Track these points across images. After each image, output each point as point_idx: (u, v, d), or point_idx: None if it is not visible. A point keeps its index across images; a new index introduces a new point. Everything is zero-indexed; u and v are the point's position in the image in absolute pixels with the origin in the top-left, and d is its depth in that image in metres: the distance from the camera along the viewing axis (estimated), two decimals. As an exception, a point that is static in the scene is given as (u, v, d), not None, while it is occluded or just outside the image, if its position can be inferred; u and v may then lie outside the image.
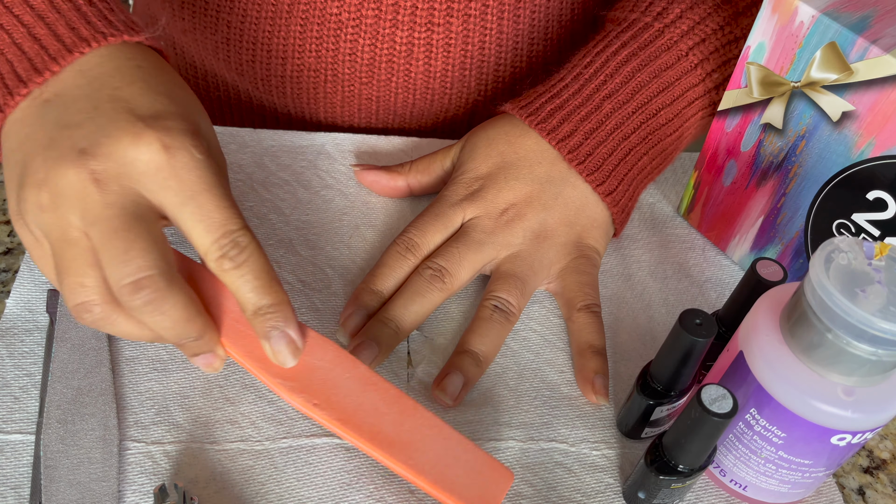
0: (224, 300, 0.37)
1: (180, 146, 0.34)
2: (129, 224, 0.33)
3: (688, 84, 0.49)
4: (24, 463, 0.39)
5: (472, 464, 0.37)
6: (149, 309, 0.33)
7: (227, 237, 0.34)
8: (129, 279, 0.33)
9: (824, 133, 0.42)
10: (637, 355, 0.46)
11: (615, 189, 0.48)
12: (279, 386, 0.36)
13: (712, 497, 0.41)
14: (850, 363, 0.33)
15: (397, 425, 0.37)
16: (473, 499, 0.36)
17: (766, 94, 0.44)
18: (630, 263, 0.51)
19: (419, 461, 0.36)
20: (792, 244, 0.47)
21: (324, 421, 0.36)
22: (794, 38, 0.41)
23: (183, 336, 0.35)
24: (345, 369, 0.38)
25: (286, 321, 0.36)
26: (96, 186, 0.33)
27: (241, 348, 0.37)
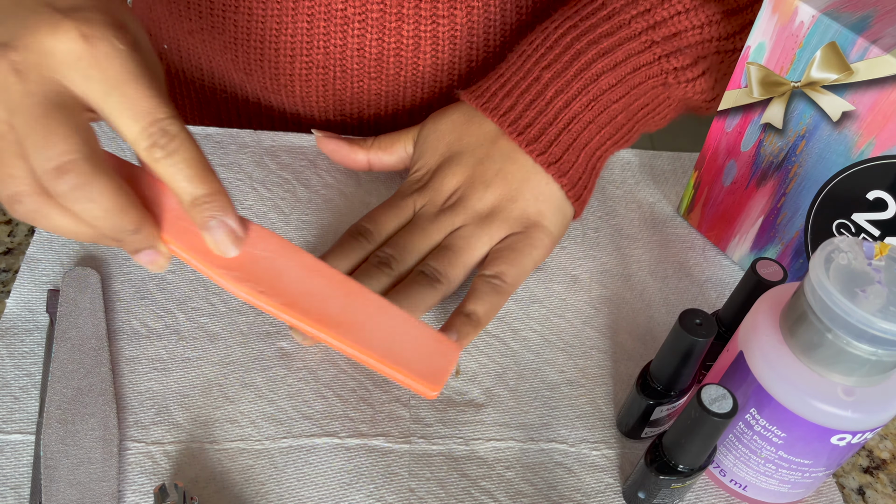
0: (163, 198, 0.37)
1: (100, 36, 0.33)
2: (49, 111, 0.33)
3: (631, 50, 0.48)
4: (24, 463, 0.39)
5: (420, 339, 0.37)
6: (76, 195, 0.33)
7: (154, 125, 0.33)
8: (51, 163, 0.32)
9: (824, 133, 0.42)
10: (637, 355, 0.46)
11: (559, 158, 0.48)
12: (224, 276, 0.36)
13: (712, 497, 0.41)
14: (850, 363, 0.33)
15: (344, 307, 0.37)
16: (424, 371, 0.37)
17: (766, 94, 0.44)
18: (630, 263, 0.51)
19: (368, 339, 0.36)
20: (792, 244, 0.47)
21: (271, 308, 0.36)
22: (794, 38, 0.41)
23: (118, 228, 0.34)
24: (289, 258, 0.37)
25: (224, 210, 0.35)
26: (16, 76, 0.32)
27: (183, 243, 0.36)
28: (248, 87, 0.60)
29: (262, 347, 0.44)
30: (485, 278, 0.45)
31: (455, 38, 0.55)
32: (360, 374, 0.44)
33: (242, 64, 0.58)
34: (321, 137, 0.52)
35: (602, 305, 0.49)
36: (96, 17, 0.34)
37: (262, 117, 0.63)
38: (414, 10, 0.54)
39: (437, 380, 0.37)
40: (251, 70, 0.58)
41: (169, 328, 0.44)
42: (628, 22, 0.48)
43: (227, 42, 0.57)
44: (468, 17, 0.55)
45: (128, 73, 0.33)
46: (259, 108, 0.62)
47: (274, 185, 0.52)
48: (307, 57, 0.56)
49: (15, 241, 0.49)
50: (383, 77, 0.57)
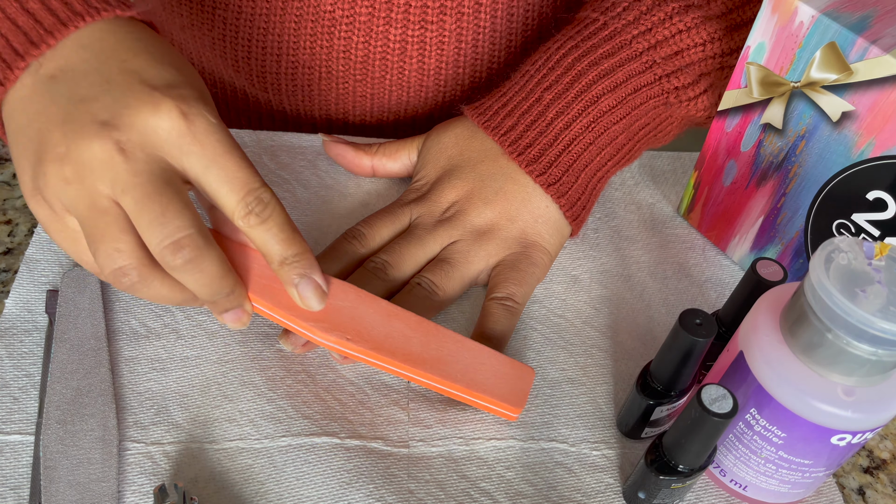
0: (245, 259, 0.40)
1: (197, 113, 0.35)
2: (160, 189, 0.34)
3: (632, 71, 0.48)
4: (23, 463, 0.39)
5: (498, 367, 0.41)
6: (189, 267, 0.35)
7: (251, 195, 0.36)
8: (169, 240, 0.34)
9: (824, 133, 0.42)
10: (637, 355, 0.46)
11: (559, 179, 0.48)
12: (312, 329, 0.39)
13: (712, 497, 0.41)
14: (850, 363, 0.33)
15: (424, 346, 0.41)
16: (506, 395, 0.41)
17: (766, 94, 0.44)
18: (630, 264, 0.51)
19: (452, 373, 0.40)
20: (792, 244, 0.47)
21: (359, 354, 0.39)
22: (793, 38, 0.41)
23: (217, 293, 0.37)
24: (367, 306, 0.41)
25: (311, 268, 0.38)
26: (123, 156, 0.34)
27: (268, 300, 0.39)
28: (237, 83, 0.61)
29: (261, 346, 0.44)
30: (497, 301, 0.46)
31: (443, 43, 0.55)
32: (359, 379, 0.44)
33: (231, 61, 0.59)
34: (327, 141, 0.53)
35: (602, 305, 0.49)
36: (190, 93, 0.36)
37: (250, 113, 0.63)
38: (403, 15, 0.54)
39: (519, 402, 0.41)
40: (239, 67, 0.59)
41: (168, 327, 0.44)
42: (629, 42, 0.48)
43: (216, 38, 0.58)
44: (457, 23, 0.55)
45: (223, 147, 0.36)
46: (248, 105, 0.62)
47: (273, 186, 0.52)
48: (293, 57, 0.56)
49: (15, 241, 0.49)
50: (368, 80, 0.57)
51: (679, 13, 0.48)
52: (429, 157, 0.51)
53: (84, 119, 0.34)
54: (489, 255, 0.47)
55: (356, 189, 0.53)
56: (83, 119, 0.34)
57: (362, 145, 0.53)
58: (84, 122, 0.34)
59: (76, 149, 0.34)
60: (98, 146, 0.34)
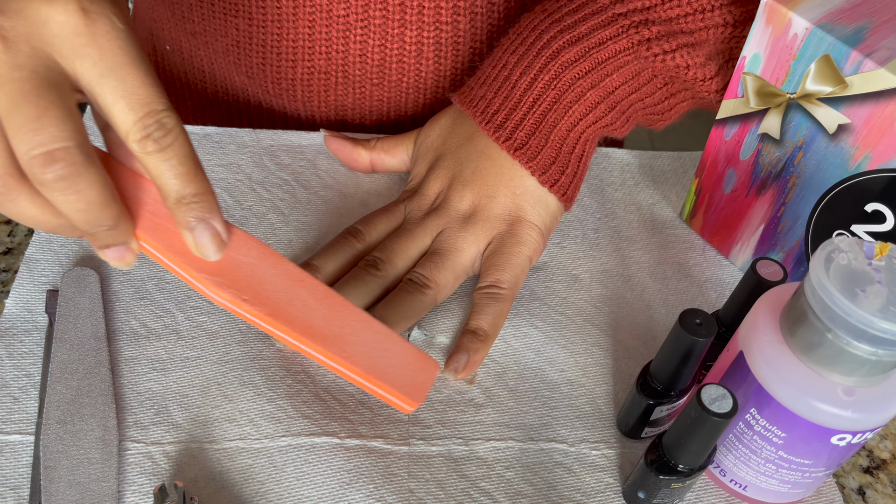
0: (138, 192, 0.35)
1: (100, 11, 0.31)
2: (40, 89, 0.30)
3: (595, 24, 0.47)
4: (23, 463, 0.39)
5: (401, 355, 0.38)
6: (62, 185, 0.30)
7: (151, 116, 0.31)
8: (40, 149, 0.30)
9: (821, 145, 0.42)
10: (637, 355, 0.46)
11: (526, 143, 0.47)
12: (204, 280, 0.34)
13: (712, 497, 0.41)
14: (850, 363, 0.33)
15: (328, 320, 0.36)
16: (405, 387, 0.37)
17: (763, 104, 0.44)
18: (630, 264, 0.51)
19: (351, 353, 0.36)
20: (793, 252, 0.47)
21: (254, 317, 0.35)
22: (788, 49, 0.41)
23: (96, 223, 0.32)
24: (271, 265, 0.36)
25: (211, 211, 0.33)
26: (3, 44, 0.30)
27: (159, 242, 0.34)
28: (250, 90, 0.60)
29: (261, 346, 0.44)
30: (482, 291, 0.46)
31: (458, 44, 0.55)
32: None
33: (244, 68, 0.58)
34: (328, 136, 0.53)
35: (603, 305, 0.49)
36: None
37: (263, 120, 0.63)
38: (417, 17, 0.54)
39: (417, 395, 0.37)
40: (253, 74, 0.58)
41: (168, 328, 0.44)
42: (604, 8, 0.47)
43: (229, 46, 0.57)
44: (471, 23, 0.55)
45: (127, 56, 0.31)
46: (261, 112, 0.62)
47: (273, 186, 0.52)
48: (309, 62, 0.56)
49: (15, 241, 0.49)
50: (385, 83, 0.57)
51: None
52: (419, 152, 0.52)
53: None
54: (477, 239, 0.47)
55: (356, 189, 0.53)
56: None
57: (361, 140, 0.53)
58: None
59: None
60: None
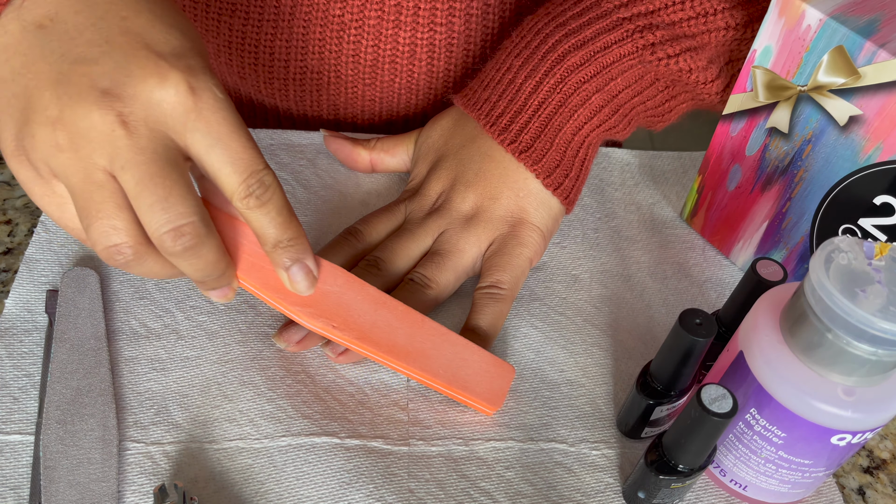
0: (235, 234, 0.39)
1: (205, 87, 0.33)
2: (165, 170, 0.33)
3: (600, 28, 0.47)
4: (23, 463, 0.39)
5: (480, 363, 0.42)
6: (188, 254, 0.34)
7: (253, 177, 0.35)
8: (171, 226, 0.33)
9: (831, 137, 0.42)
10: (637, 355, 0.46)
11: (531, 146, 0.47)
12: (299, 314, 0.39)
13: (712, 497, 0.41)
14: (850, 363, 0.33)
15: (410, 337, 0.41)
16: (484, 393, 0.41)
17: (772, 98, 0.44)
18: (630, 264, 0.51)
19: (434, 367, 0.41)
20: (797, 249, 0.47)
21: (344, 341, 0.39)
22: (800, 41, 0.41)
23: (209, 275, 0.36)
24: (356, 292, 0.41)
25: (304, 253, 0.38)
26: (125, 129, 0.32)
27: (256, 280, 0.38)
28: (243, 89, 0.60)
29: (261, 346, 0.44)
30: (482, 290, 0.46)
31: (452, 45, 0.55)
32: (358, 379, 0.44)
33: (236, 68, 0.58)
34: (327, 136, 0.53)
35: (602, 305, 0.49)
36: (198, 63, 0.34)
37: (256, 119, 0.63)
38: (412, 18, 0.54)
39: (497, 400, 0.42)
40: (245, 73, 0.58)
41: (168, 328, 0.44)
42: (599, 2, 0.48)
43: (222, 45, 0.57)
44: (466, 25, 0.55)
45: (229, 125, 0.34)
46: (253, 110, 0.62)
47: (273, 185, 0.52)
48: (301, 62, 0.56)
49: (15, 241, 0.49)
50: (378, 83, 0.57)
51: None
52: (420, 153, 0.52)
53: (82, 83, 0.32)
54: (479, 240, 0.47)
55: (356, 189, 0.53)
56: (81, 83, 0.32)
57: (361, 140, 0.53)
58: (82, 86, 0.32)
59: (72, 115, 0.32)
60: (98, 116, 0.32)
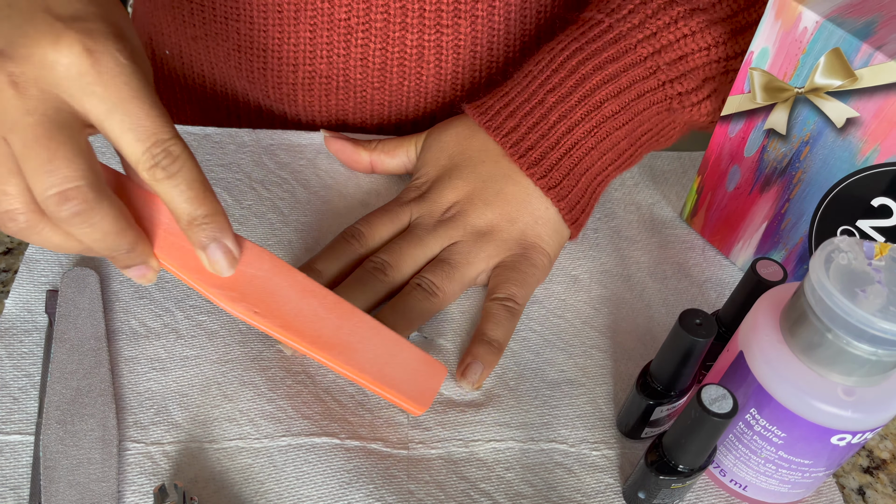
0: (155, 212, 0.37)
1: (104, 50, 0.32)
2: (51, 132, 0.32)
3: (636, 76, 0.48)
4: (23, 464, 0.39)
5: (409, 361, 0.40)
6: (77, 221, 0.32)
7: (158, 146, 0.33)
8: (54, 189, 0.31)
9: (828, 139, 0.42)
10: (637, 355, 0.46)
11: (559, 183, 0.48)
12: (219, 296, 0.36)
13: (712, 497, 0.41)
14: (850, 363, 0.33)
15: (337, 328, 0.38)
16: (412, 392, 0.39)
17: (770, 99, 0.44)
18: (630, 264, 0.51)
19: (360, 361, 0.38)
20: (796, 250, 0.47)
21: (266, 328, 0.37)
22: (797, 43, 0.41)
23: (113, 248, 0.34)
24: (283, 278, 0.38)
25: (222, 231, 0.35)
26: (14, 90, 0.31)
27: (175, 260, 0.36)
28: (251, 94, 0.60)
29: (261, 346, 0.44)
30: (499, 302, 0.46)
31: (459, 48, 0.55)
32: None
33: (245, 72, 0.58)
34: (328, 137, 0.53)
35: (602, 305, 0.49)
36: (99, 27, 0.33)
37: (263, 124, 0.63)
38: (418, 20, 0.53)
39: (425, 400, 0.40)
40: (254, 78, 0.58)
41: (167, 327, 0.44)
42: (634, 46, 0.48)
43: (230, 50, 0.57)
44: (472, 27, 0.55)
45: (131, 91, 0.32)
46: (261, 116, 0.62)
47: (273, 185, 0.52)
48: (310, 66, 0.56)
49: (15, 241, 0.49)
50: (386, 87, 0.57)
51: (684, 17, 0.48)
52: (429, 155, 0.51)
53: None
54: (489, 257, 0.47)
55: (356, 189, 0.53)
56: None
57: (361, 141, 0.53)
58: None
59: None
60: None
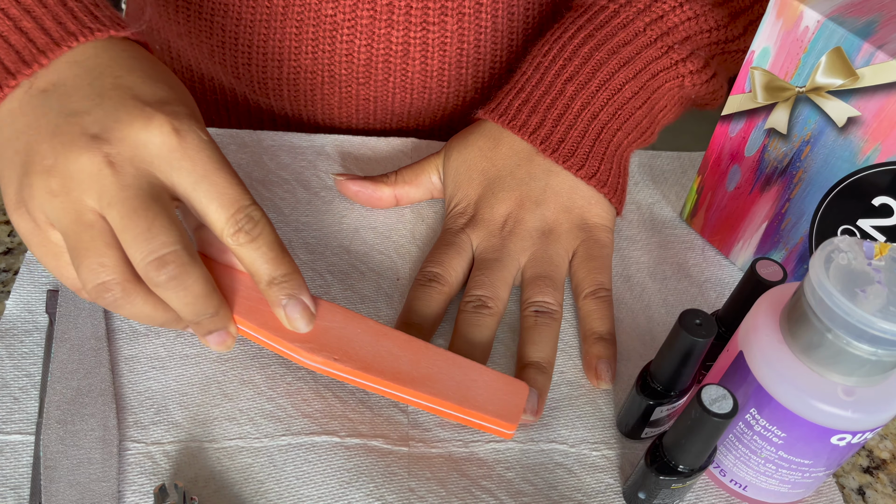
0: (232, 281, 0.39)
1: (188, 129, 0.35)
2: (147, 203, 0.34)
3: (649, 57, 0.50)
4: (23, 463, 0.39)
5: (490, 383, 0.40)
6: (173, 284, 0.34)
7: (241, 212, 0.36)
8: (153, 255, 0.34)
9: (829, 138, 0.42)
10: (637, 355, 0.46)
11: (597, 170, 0.48)
12: (298, 350, 0.38)
13: (712, 497, 0.41)
14: (850, 363, 0.33)
15: (414, 364, 0.40)
16: (498, 411, 0.39)
17: (771, 99, 0.44)
18: (630, 264, 0.51)
19: (443, 390, 0.39)
20: (796, 250, 0.47)
21: (346, 374, 0.39)
22: (798, 42, 0.41)
23: (201, 312, 0.36)
24: (355, 325, 0.40)
25: (299, 289, 0.38)
26: (111, 169, 0.34)
27: (254, 321, 0.38)
28: (238, 89, 0.61)
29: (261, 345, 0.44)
30: (592, 296, 0.46)
31: (445, 44, 0.55)
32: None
33: (230, 68, 0.58)
34: (343, 181, 0.51)
35: (602, 306, 0.49)
36: (182, 110, 0.36)
37: (251, 118, 0.63)
38: (404, 17, 0.54)
39: (513, 417, 0.40)
40: (239, 74, 0.58)
41: (168, 328, 0.44)
42: (643, 30, 0.49)
43: (215, 46, 0.58)
44: (459, 23, 0.55)
45: (214, 163, 0.35)
46: (249, 109, 0.62)
47: (273, 185, 0.52)
48: (295, 62, 0.56)
49: (15, 240, 0.49)
50: (371, 83, 0.57)
51: (689, 1, 0.50)
52: (460, 177, 0.50)
53: (74, 132, 0.34)
54: (567, 252, 0.47)
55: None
56: (73, 132, 0.34)
57: (378, 176, 0.51)
58: (74, 134, 0.34)
59: (64, 161, 0.34)
60: (87, 159, 0.34)
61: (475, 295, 0.45)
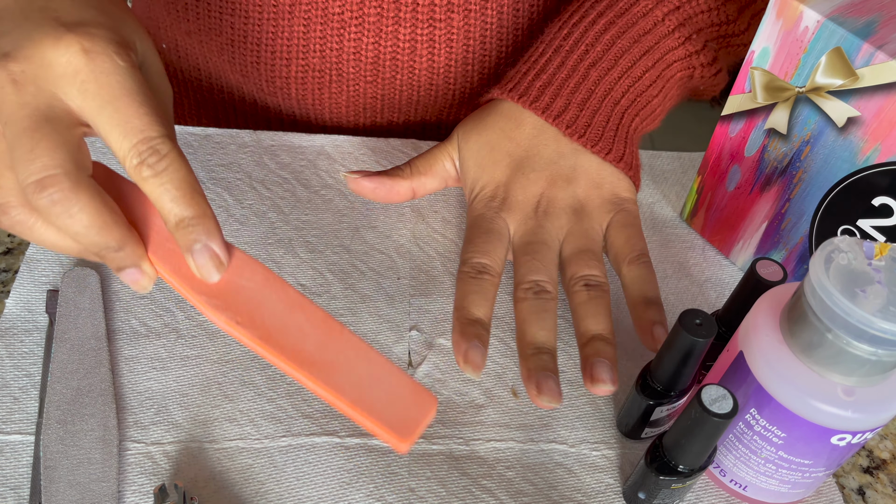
0: (153, 218, 0.36)
1: (101, 51, 0.33)
2: (38, 123, 0.32)
3: (667, 47, 0.50)
4: (23, 463, 0.39)
5: (396, 388, 0.35)
6: (56, 210, 0.32)
7: (145, 143, 0.33)
8: (32, 178, 0.32)
9: (829, 138, 0.42)
10: (637, 355, 0.46)
11: (623, 154, 0.49)
12: (203, 303, 0.35)
13: (712, 497, 0.41)
14: (850, 363, 0.33)
15: (321, 346, 0.36)
16: (395, 422, 0.34)
17: (771, 99, 0.44)
18: (630, 263, 0.51)
19: (340, 382, 0.35)
20: (796, 250, 0.47)
21: (245, 339, 0.35)
22: (798, 43, 0.41)
23: (100, 244, 0.34)
24: (273, 291, 0.37)
25: (209, 234, 0.34)
26: (13, 87, 0.33)
27: (168, 265, 0.36)
28: (245, 88, 0.61)
29: (262, 347, 0.44)
30: (638, 262, 0.45)
31: (451, 41, 0.55)
32: (360, 375, 0.43)
33: (238, 66, 0.58)
34: (357, 179, 0.49)
35: (602, 305, 0.49)
36: (100, 32, 0.34)
37: (258, 118, 0.63)
38: (411, 14, 0.54)
39: (409, 432, 0.34)
40: (247, 72, 0.58)
41: (168, 327, 0.44)
42: (662, 19, 0.50)
43: (224, 44, 0.57)
44: (465, 20, 0.55)
45: (124, 89, 0.33)
46: (256, 109, 0.62)
47: (273, 185, 0.52)
48: (303, 60, 0.56)
49: (15, 240, 0.49)
50: (379, 80, 0.57)
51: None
52: (483, 160, 0.49)
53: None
54: (601, 226, 0.47)
55: (356, 189, 0.53)
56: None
57: (392, 170, 0.50)
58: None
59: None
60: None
61: (533, 280, 0.44)
